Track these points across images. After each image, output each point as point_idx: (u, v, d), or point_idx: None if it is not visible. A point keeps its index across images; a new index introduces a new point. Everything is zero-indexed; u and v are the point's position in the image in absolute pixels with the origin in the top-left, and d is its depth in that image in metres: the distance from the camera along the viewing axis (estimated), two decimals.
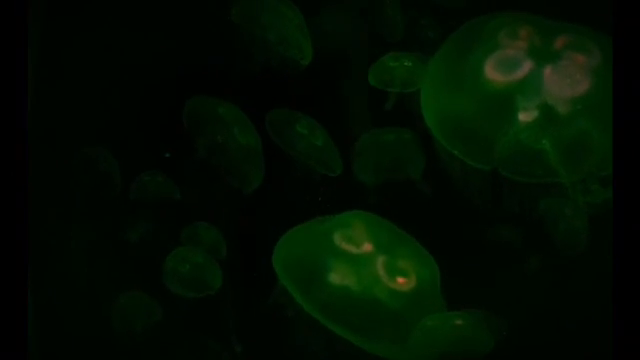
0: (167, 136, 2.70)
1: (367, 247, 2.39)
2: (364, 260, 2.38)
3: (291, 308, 2.39)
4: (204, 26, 2.70)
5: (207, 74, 2.71)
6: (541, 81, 2.35)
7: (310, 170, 2.60)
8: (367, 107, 2.67)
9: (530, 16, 2.45)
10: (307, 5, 2.61)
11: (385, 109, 2.60)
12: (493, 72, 2.39)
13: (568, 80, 2.35)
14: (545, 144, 2.33)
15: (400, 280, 2.37)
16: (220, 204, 2.68)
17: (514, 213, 2.43)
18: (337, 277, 2.36)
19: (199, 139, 2.62)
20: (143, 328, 2.61)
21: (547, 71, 2.36)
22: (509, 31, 2.43)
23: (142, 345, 2.64)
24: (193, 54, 2.74)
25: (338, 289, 2.35)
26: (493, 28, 2.45)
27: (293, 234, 2.49)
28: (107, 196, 2.69)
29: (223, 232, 2.64)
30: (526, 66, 2.37)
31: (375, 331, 2.34)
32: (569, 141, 2.33)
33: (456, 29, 2.51)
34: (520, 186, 2.38)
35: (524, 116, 2.35)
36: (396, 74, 2.56)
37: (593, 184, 2.36)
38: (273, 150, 2.60)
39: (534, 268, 2.62)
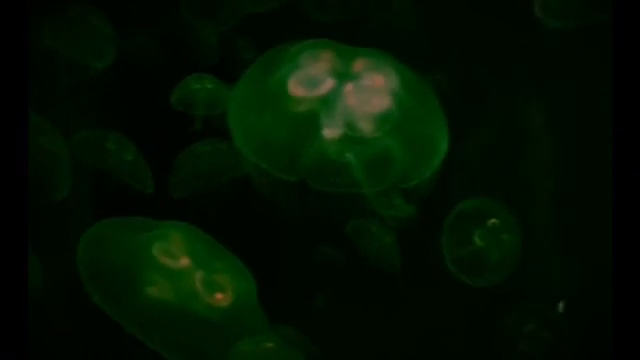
0: None
1: (185, 261, 2.39)
2: (182, 274, 2.37)
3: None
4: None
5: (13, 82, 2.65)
6: (342, 99, 2.47)
7: (124, 185, 2.61)
8: (181, 125, 2.70)
9: (331, 42, 2.58)
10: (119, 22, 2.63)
11: (192, 130, 2.64)
12: (296, 89, 2.49)
13: (367, 98, 2.48)
14: (349, 157, 2.44)
15: (218, 295, 2.37)
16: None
17: (327, 226, 2.55)
18: (153, 291, 2.33)
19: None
20: None
21: (347, 89, 2.48)
22: (311, 53, 2.54)
23: None
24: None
25: (154, 303, 2.32)
26: (296, 51, 2.56)
27: (102, 236, 2.42)
28: None
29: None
30: (327, 84, 2.48)
31: (195, 349, 2.32)
32: (371, 155, 2.45)
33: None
34: (330, 198, 2.47)
35: (327, 132, 2.45)
36: (199, 96, 2.61)
37: (396, 198, 2.50)
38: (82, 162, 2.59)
39: (349, 281, 2.74)
